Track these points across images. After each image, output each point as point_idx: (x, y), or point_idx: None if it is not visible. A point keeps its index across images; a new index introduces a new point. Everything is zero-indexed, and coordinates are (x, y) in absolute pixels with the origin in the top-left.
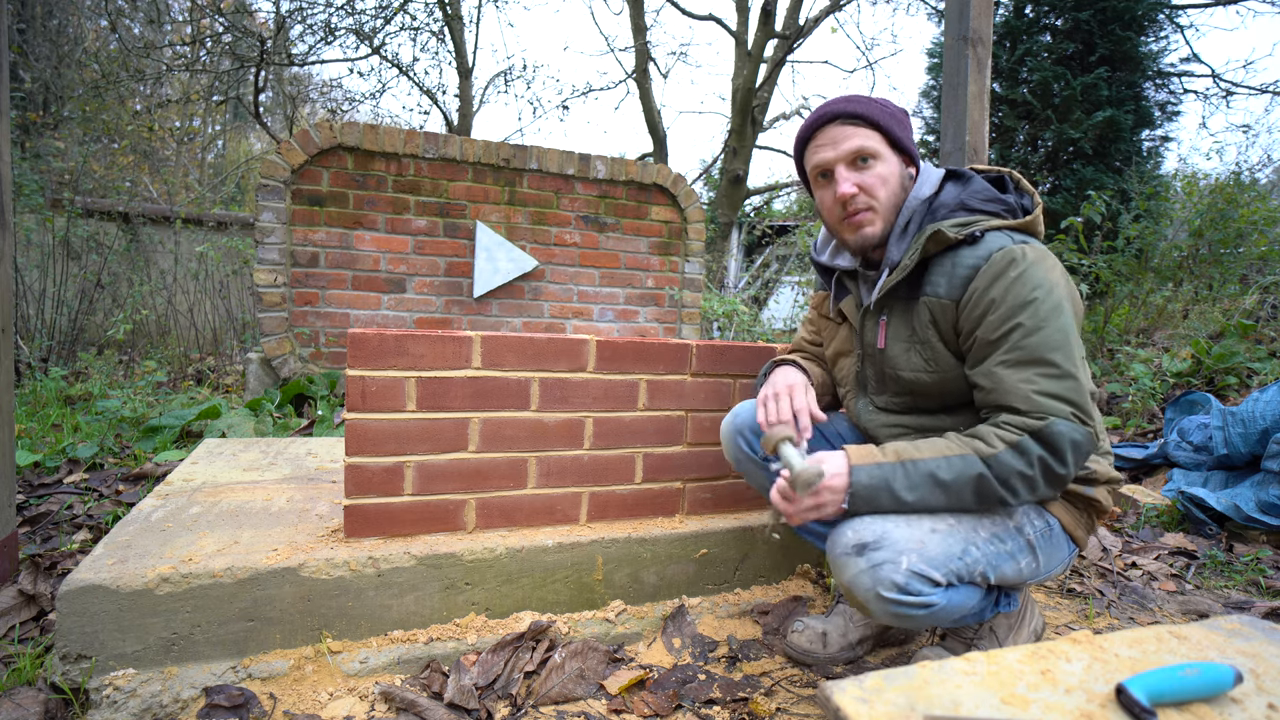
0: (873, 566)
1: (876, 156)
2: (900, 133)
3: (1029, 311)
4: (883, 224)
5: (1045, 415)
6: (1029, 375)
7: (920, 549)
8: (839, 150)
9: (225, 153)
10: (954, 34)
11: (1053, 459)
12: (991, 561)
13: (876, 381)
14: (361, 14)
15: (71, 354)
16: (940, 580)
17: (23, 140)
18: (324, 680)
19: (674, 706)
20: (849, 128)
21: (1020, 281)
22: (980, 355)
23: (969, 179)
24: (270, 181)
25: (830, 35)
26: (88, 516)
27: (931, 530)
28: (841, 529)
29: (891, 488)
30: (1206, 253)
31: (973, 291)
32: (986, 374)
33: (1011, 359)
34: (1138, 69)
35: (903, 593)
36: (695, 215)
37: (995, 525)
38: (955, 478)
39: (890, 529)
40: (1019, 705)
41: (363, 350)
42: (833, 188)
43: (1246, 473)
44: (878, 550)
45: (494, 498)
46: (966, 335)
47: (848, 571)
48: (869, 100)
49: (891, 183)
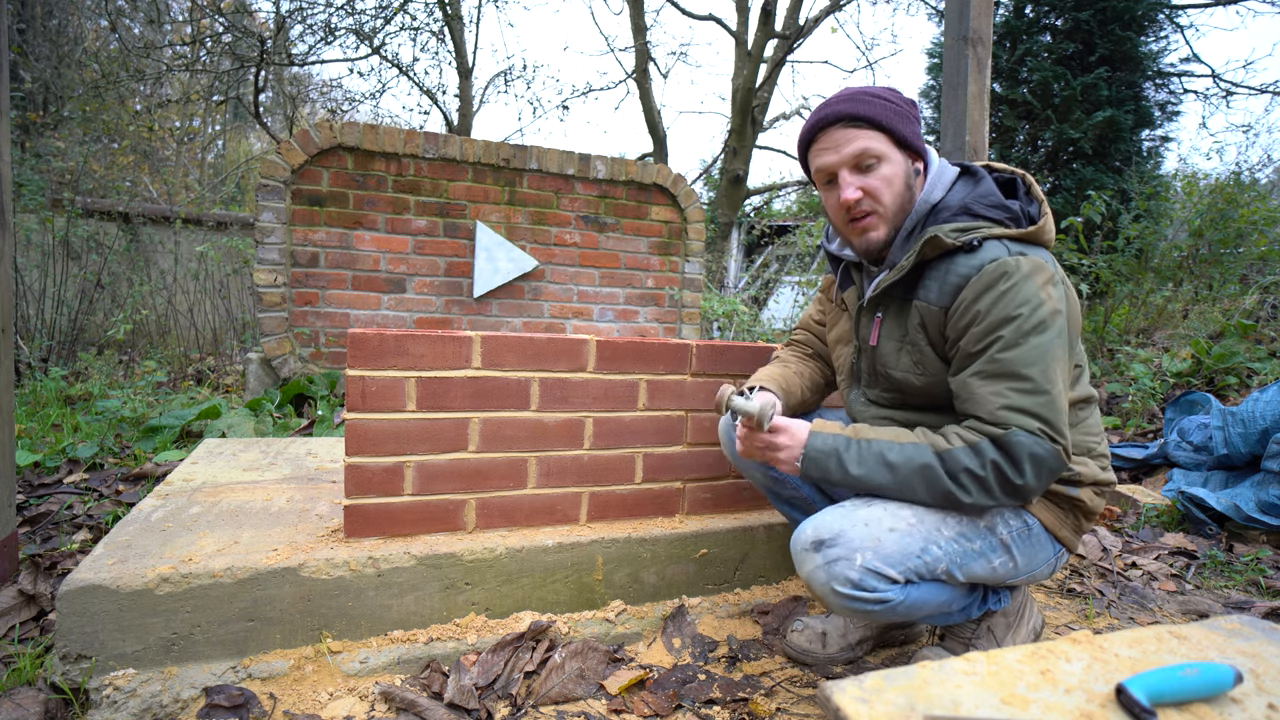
0: (828, 563)
1: (881, 158)
2: (906, 129)
3: (1011, 327)
4: (887, 227)
5: (1008, 425)
6: (1000, 389)
7: (876, 546)
8: (841, 154)
9: (225, 153)
10: (954, 34)
11: (1009, 467)
12: (956, 560)
13: (869, 375)
14: (361, 14)
15: (71, 354)
16: (897, 577)
17: (23, 140)
18: (324, 680)
19: (674, 706)
20: (851, 130)
21: (1007, 297)
22: (960, 365)
23: (979, 180)
24: (270, 181)
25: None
26: (88, 516)
27: (890, 529)
28: (803, 526)
29: (841, 457)
30: (1206, 253)
31: (961, 301)
32: (962, 384)
33: (986, 371)
34: (1138, 69)
35: (857, 588)
36: (695, 215)
37: (963, 525)
38: (904, 461)
39: (847, 528)
40: (1019, 705)
41: (363, 350)
42: (837, 191)
43: (1246, 473)
44: (833, 547)
45: (494, 498)
46: (952, 344)
47: (805, 566)
48: (872, 99)
49: (897, 184)
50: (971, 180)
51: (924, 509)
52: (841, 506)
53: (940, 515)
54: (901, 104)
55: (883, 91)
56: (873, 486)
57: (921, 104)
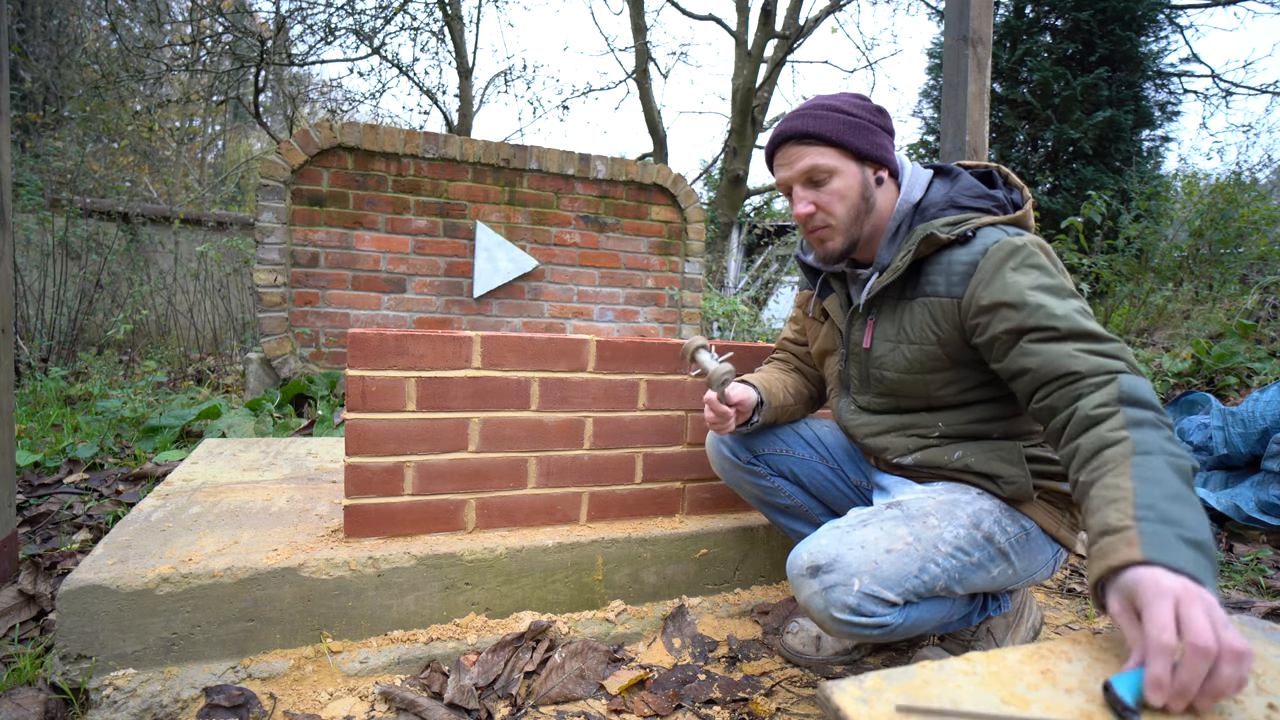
0: (825, 589)
1: (832, 173)
2: (860, 141)
3: (1046, 293)
4: (843, 238)
5: (1111, 373)
6: (1071, 350)
7: (873, 570)
8: (793, 170)
9: (225, 153)
10: (954, 34)
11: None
12: (955, 576)
13: (860, 381)
14: (361, 14)
15: (71, 354)
16: (895, 600)
17: (23, 140)
18: (324, 680)
19: (674, 706)
20: (801, 146)
21: (1026, 268)
22: (1008, 344)
23: (956, 176)
24: (270, 181)
25: (830, 35)
26: (88, 516)
27: (886, 550)
28: (798, 550)
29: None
30: (1206, 253)
31: (977, 284)
32: (1028, 354)
33: (1049, 335)
34: (1138, 69)
35: (855, 614)
36: (695, 215)
37: (959, 539)
38: (1178, 474)
39: (844, 551)
40: (1019, 705)
41: (363, 350)
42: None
43: (1246, 473)
44: (830, 573)
45: (494, 498)
46: (982, 330)
47: (802, 592)
48: (824, 114)
49: (850, 196)
50: (948, 178)
51: (920, 525)
52: (837, 527)
53: (937, 531)
54: (860, 115)
55: (842, 103)
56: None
57: (921, 104)
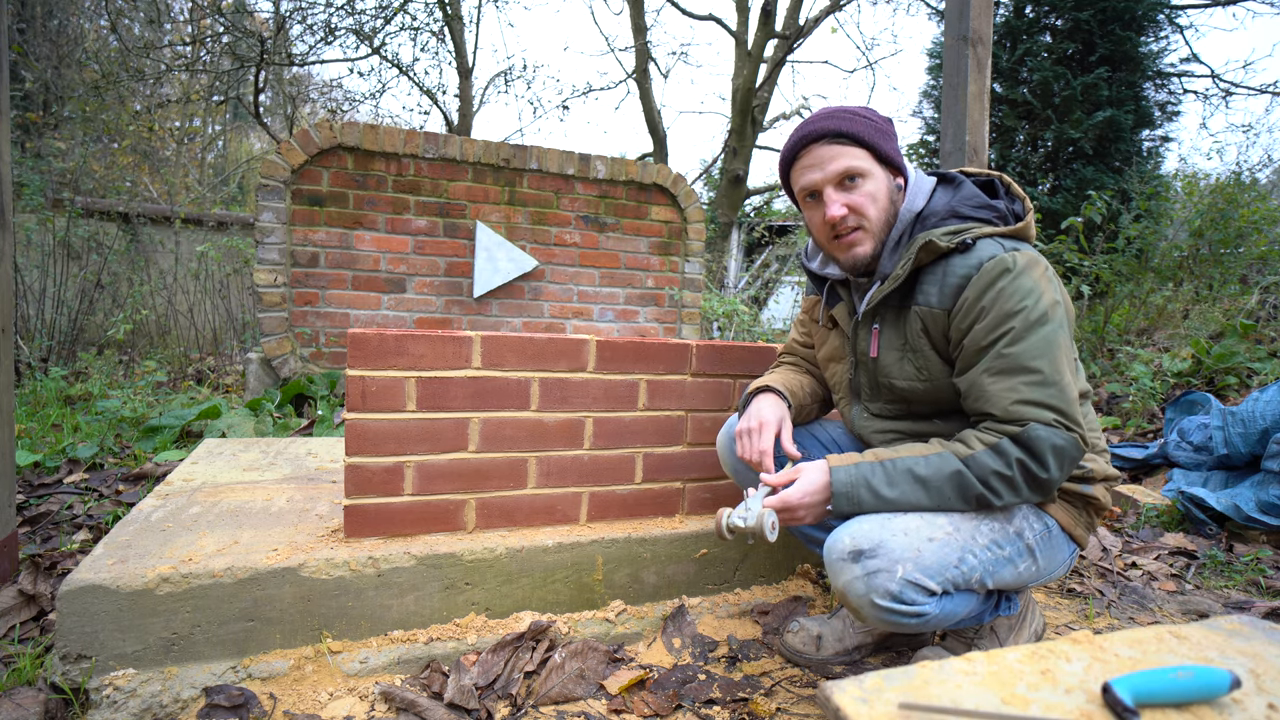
0: (868, 574)
1: (865, 175)
2: (886, 146)
3: (1017, 320)
4: (873, 242)
5: (1024, 420)
6: (1012, 384)
7: (916, 558)
8: (826, 172)
9: (225, 153)
10: (954, 34)
11: (1032, 462)
12: (989, 568)
13: (870, 389)
14: (361, 14)
15: (71, 354)
16: (936, 589)
17: (23, 140)
18: (324, 680)
19: (674, 706)
20: (835, 147)
21: (1009, 291)
22: (967, 363)
23: (959, 184)
24: (270, 181)
25: (830, 35)
26: (88, 516)
27: (929, 539)
28: (839, 534)
29: (870, 483)
30: (1206, 253)
31: (964, 301)
32: (972, 382)
33: (995, 367)
34: (1138, 69)
35: (897, 601)
36: (695, 215)
37: (995, 531)
38: (934, 473)
39: (887, 538)
40: (1019, 705)
41: (363, 350)
42: (822, 209)
43: (1246, 473)
44: (873, 558)
45: (494, 498)
46: (956, 344)
47: (842, 577)
48: (852, 115)
49: (881, 200)
50: (951, 186)
51: (959, 516)
52: (876, 514)
53: (975, 522)
54: (880, 121)
55: (860, 110)
56: (909, 506)
57: (921, 104)
